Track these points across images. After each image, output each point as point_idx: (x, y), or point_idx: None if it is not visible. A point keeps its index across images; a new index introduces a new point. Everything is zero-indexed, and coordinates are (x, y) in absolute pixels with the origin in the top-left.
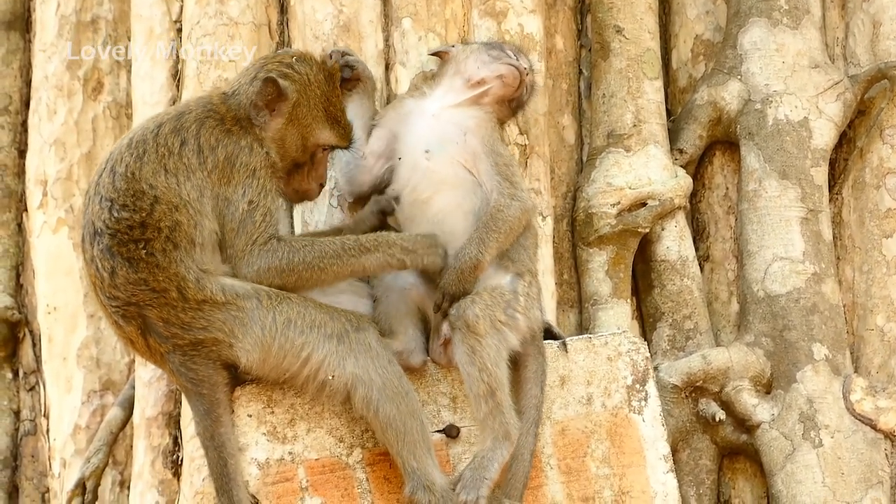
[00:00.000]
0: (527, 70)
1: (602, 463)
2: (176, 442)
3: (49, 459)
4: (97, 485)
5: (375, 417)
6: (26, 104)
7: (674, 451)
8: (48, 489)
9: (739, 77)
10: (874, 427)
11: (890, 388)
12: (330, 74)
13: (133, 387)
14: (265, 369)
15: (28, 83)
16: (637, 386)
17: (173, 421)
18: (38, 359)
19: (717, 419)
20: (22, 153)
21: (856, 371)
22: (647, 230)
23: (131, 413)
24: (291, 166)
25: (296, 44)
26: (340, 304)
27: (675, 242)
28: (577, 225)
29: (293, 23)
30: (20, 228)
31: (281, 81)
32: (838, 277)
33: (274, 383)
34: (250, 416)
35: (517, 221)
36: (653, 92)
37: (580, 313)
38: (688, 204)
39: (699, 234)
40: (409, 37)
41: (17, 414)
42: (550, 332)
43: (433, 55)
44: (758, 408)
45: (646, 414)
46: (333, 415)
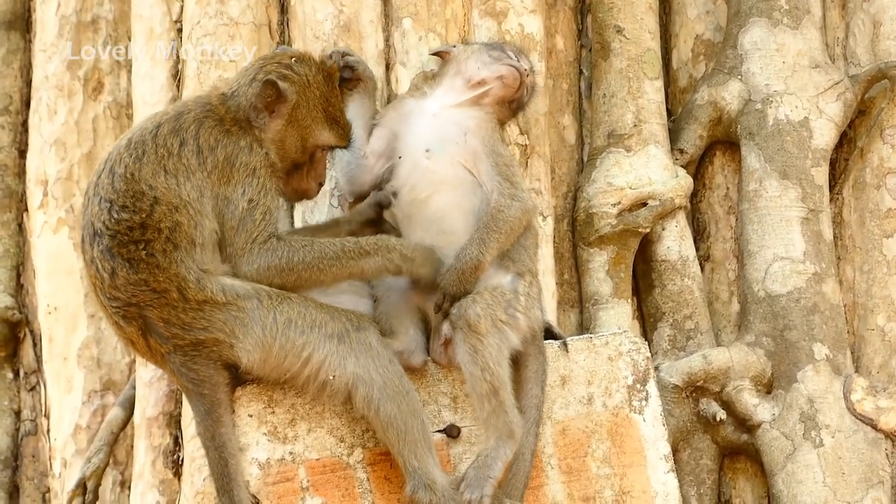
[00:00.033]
0: (527, 71)
1: (603, 463)
2: (177, 442)
3: (50, 459)
4: (98, 485)
5: (376, 417)
6: (27, 104)
7: (674, 451)
8: (49, 489)
9: (740, 77)
10: (875, 427)
11: (890, 388)
12: (329, 75)
13: (134, 387)
14: (266, 369)
15: (28, 83)
16: (638, 386)
17: (174, 421)
18: (39, 359)
19: (718, 419)
20: (22, 153)
21: (856, 371)
22: (648, 230)
23: (132, 413)
24: (291, 166)
25: (296, 44)
26: (341, 304)
27: (676, 242)
28: (578, 225)
29: (293, 23)
30: (21, 228)
31: (280, 83)
32: (839, 277)
33: (275, 383)
34: (251, 416)
35: (518, 222)
36: (653, 92)
37: (581, 313)
38: (688, 204)
39: (700, 234)
40: (410, 37)
41: (18, 414)
42: (551, 332)
43: (434, 55)
44: (758, 408)
45: (646, 414)
46: (334, 415)
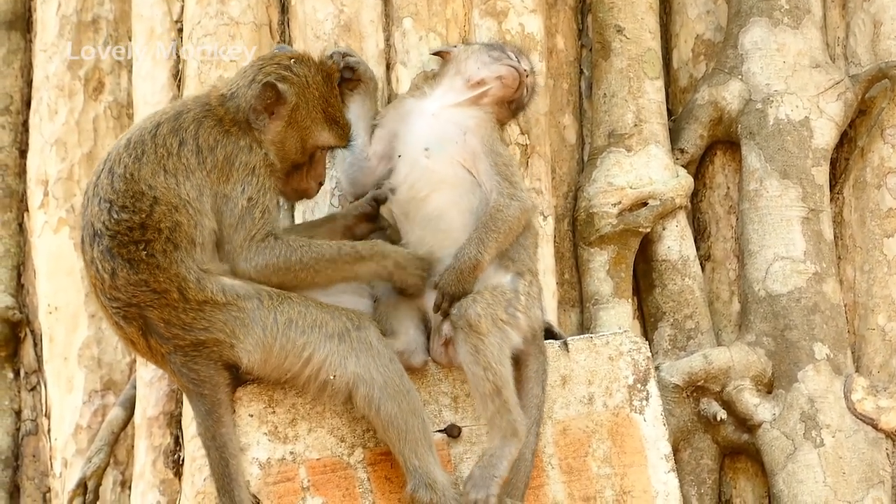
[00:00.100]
0: (527, 72)
1: (603, 462)
2: (177, 442)
3: (50, 459)
4: (98, 484)
5: (377, 416)
6: (27, 104)
7: (675, 451)
8: (49, 489)
9: (740, 77)
10: (875, 427)
11: (891, 388)
12: (328, 75)
13: (134, 386)
14: (267, 369)
15: (29, 83)
16: (638, 385)
17: (174, 421)
18: (40, 358)
19: (719, 419)
20: (23, 153)
21: (857, 371)
22: (648, 230)
23: (132, 413)
24: (291, 167)
25: (297, 43)
26: (341, 304)
27: (677, 242)
28: (579, 224)
29: (294, 22)
30: (21, 228)
31: (280, 85)
32: (839, 277)
33: (275, 383)
34: (251, 416)
35: (516, 221)
36: (654, 91)
37: (581, 313)
38: (689, 203)
39: (700, 234)
40: (410, 36)
41: (19, 414)
42: (551, 332)
43: (435, 55)
44: (759, 407)
45: (647, 413)
46: (335, 414)
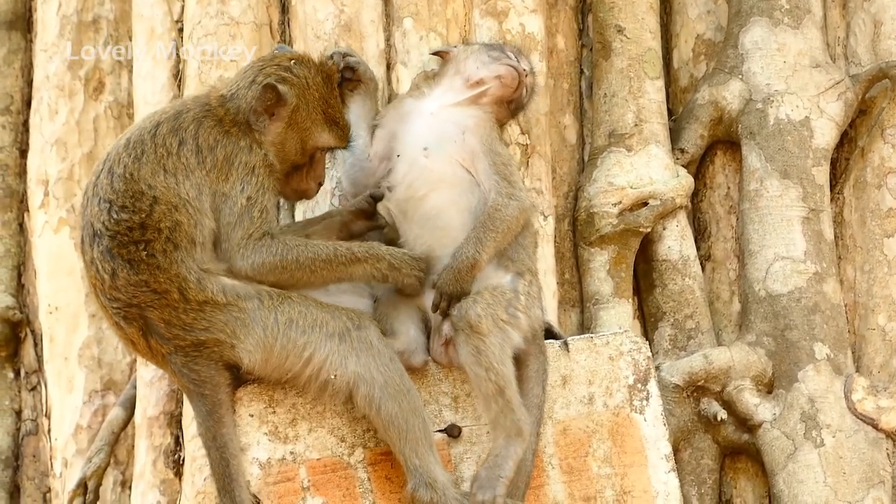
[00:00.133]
0: (526, 72)
1: (604, 462)
2: (177, 442)
3: (50, 459)
4: (99, 484)
5: (377, 415)
6: (28, 104)
7: (675, 451)
8: (49, 489)
9: (741, 76)
10: (876, 427)
11: (891, 388)
12: (328, 76)
13: (134, 386)
14: (267, 370)
15: (29, 83)
16: (639, 385)
17: (175, 420)
18: (40, 358)
19: (719, 419)
20: (23, 153)
21: (857, 370)
22: (649, 230)
23: (133, 413)
24: (290, 168)
25: (297, 43)
26: (341, 304)
27: (677, 242)
28: (579, 224)
29: (294, 22)
30: (22, 228)
31: (280, 87)
32: (840, 277)
33: (276, 383)
34: (252, 416)
35: (515, 221)
36: (654, 91)
37: (582, 313)
38: (689, 203)
39: (700, 234)
40: (411, 36)
41: (19, 414)
42: (551, 332)
43: (434, 55)
44: (759, 407)
45: (647, 413)
46: (335, 414)
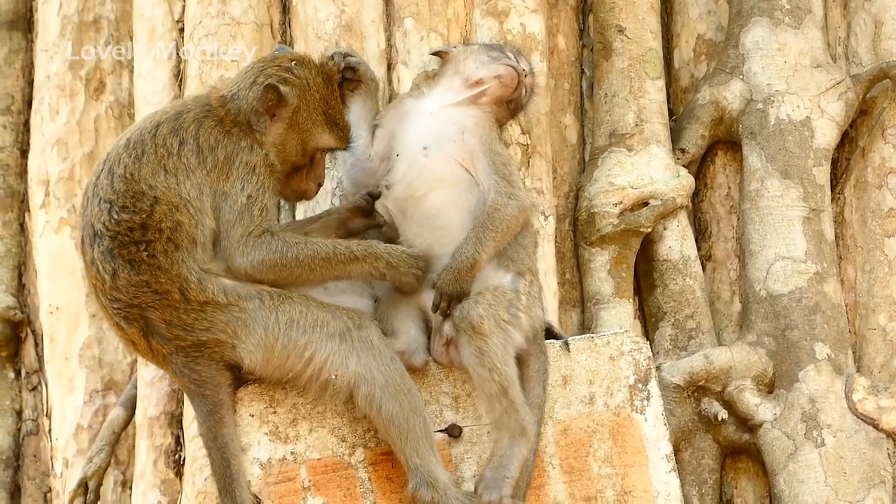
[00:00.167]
0: (525, 72)
1: (604, 462)
2: (178, 442)
3: (51, 459)
4: (99, 484)
5: (378, 415)
6: (28, 104)
7: (676, 451)
8: (50, 489)
9: (741, 77)
10: (876, 427)
11: (892, 388)
12: (328, 77)
13: (135, 386)
14: (269, 370)
15: (30, 83)
16: (639, 385)
17: (175, 420)
18: (41, 358)
19: (720, 419)
20: (24, 153)
21: (858, 370)
22: (650, 230)
23: (133, 413)
24: (291, 168)
25: (298, 43)
26: (342, 304)
27: (678, 242)
28: (580, 224)
29: (295, 22)
30: (22, 228)
31: (282, 88)
32: (840, 277)
33: (277, 383)
34: (252, 416)
35: (514, 220)
36: (655, 91)
37: (582, 313)
38: (690, 203)
39: (701, 234)
40: (411, 36)
41: (20, 414)
42: (551, 332)
43: (434, 55)
44: (760, 407)
45: (648, 413)
46: (336, 414)
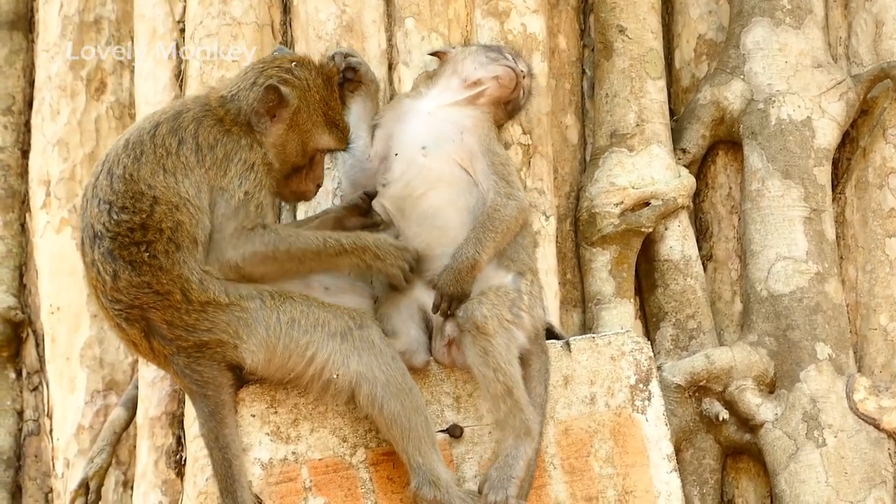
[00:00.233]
0: (523, 73)
1: (605, 462)
2: (179, 442)
3: (52, 459)
4: (100, 485)
5: (380, 414)
6: (29, 104)
7: (677, 451)
8: (51, 489)
9: (742, 77)
10: (877, 426)
11: (893, 388)
12: (328, 78)
13: (136, 387)
14: (270, 369)
15: (31, 83)
16: (640, 385)
17: (177, 421)
18: (42, 359)
19: (721, 419)
20: (25, 153)
21: (859, 370)
22: (651, 230)
23: (135, 413)
24: (290, 169)
25: (299, 44)
26: (342, 304)
27: (679, 242)
28: (581, 224)
29: (296, 23)
30: (23, 228)
31: (282, 88)
32: (841, 277)
33: (278, 383)
34: (254, 417)
35: (514, 221)
36: (656, 91)
37: (583, 313)
38: (691, 203)
39: (702, 234)
40: (412, 37)
41: (21, 414)
42: (552, 332)
43: (433, 55)
44: (761, 407)
45: (649, 413)
46: (337, 414)
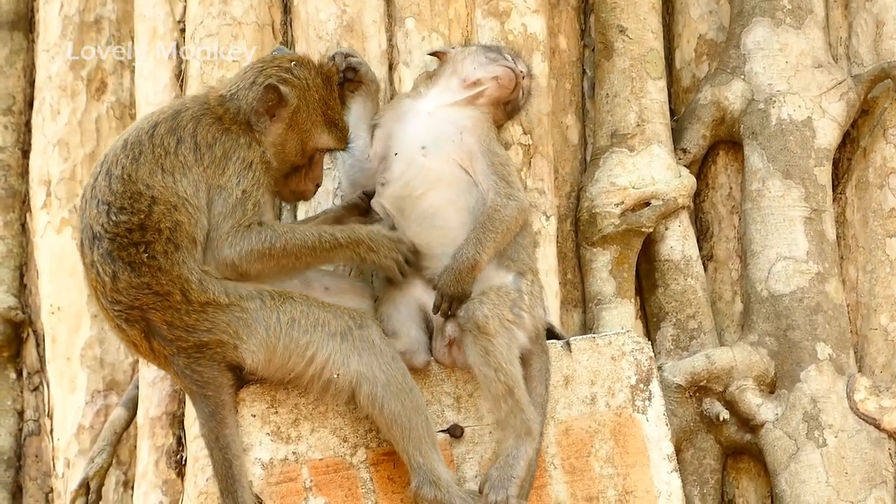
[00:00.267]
0: (523, 74)
1: (606, 462)
2: (180, 442)
3: (53, 459)
4: (101, 485)
5: (380, 414)
6: (30, 104)
7: (678, 451)
8: (52, 489)
9: (743, 77)
10: (878, 426)
11: (894, 388)
12: (327, 77)
13: (137, 387)
14: (271, 369)
15: (31, 83)
16: (641, 385)
17: (177, 421)
18: (42, 359)
19: (721, 419)
20: (25, 153)
21: (859, 370)
22: (651, 230)
23: (135, 413)
24: (289, 169)
25: (299, 44)
26: (343, 304)
27: (679, 242)
28: (581, 225)
29: (297, 23)
30: (24, 228)
31: (282, 88)
32: (842, 277)
33: (278, 383)
34: (254, 416)
35: (514, 221)
36: (656, 92)
37: (584, 313)
38: (691, 203)
39: (703, 234)
40: (413, 37)
41: (21, 414)
42: (552, 332)
43: (432, 55)
44: (762, 407)
45: (650, 413)
46: (337, 414)
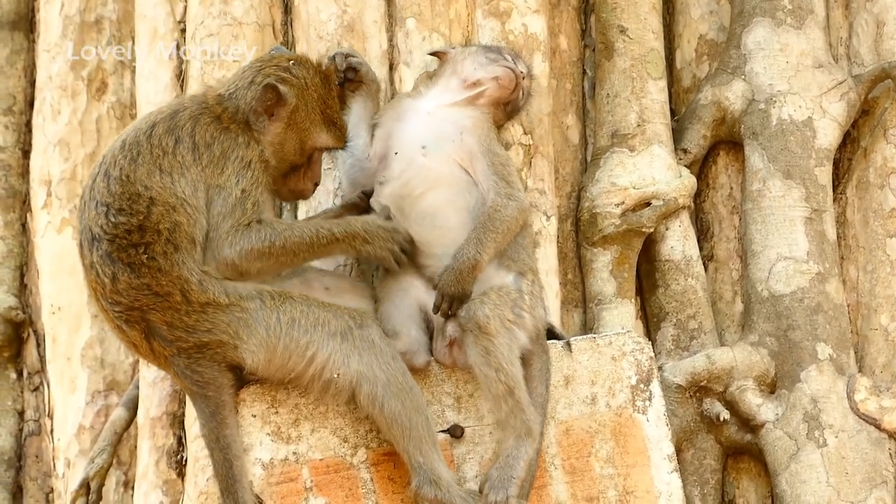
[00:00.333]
0: (523, 74)
1: (606, 463)
2: (180, 442)
3: (53, 460)
4: (101, 485)
5: (381, 414)
6: (30, 104)
7: (678, 451)
8: (52, 489)
9: (743, 77)
10: (878, 427)
11: (894, 388)
12: (326, 77)
13: (137, 387)
14: (271, 369)
15: (32, 83)
16: (641, 386)
17: (177, 421)
18: (43, 359)
19: (722, 419)
20: (26, 153)
21: (860, 371)
22: (652, 230)
23: (135, 413)
24: (288, 168)
25: (300, 44)
26: (343, 304)
27: (680, 242)
28: (582, 225)
29: (297, 23)
30: (24, 229)
31: (280, 87)
32: (842, 277)
33: (279, 383)
34: (254, 417)
35: (514, 221)
36: (657, 92)
37: (584, 313)
38: (692, 204)
39: (703, 234)
40: (413, 37)
41: (22, 414)
42: (552, 333)
43: (433, 55)
44: (762, 407)
45: (650, 414)
46: (338, 415)
